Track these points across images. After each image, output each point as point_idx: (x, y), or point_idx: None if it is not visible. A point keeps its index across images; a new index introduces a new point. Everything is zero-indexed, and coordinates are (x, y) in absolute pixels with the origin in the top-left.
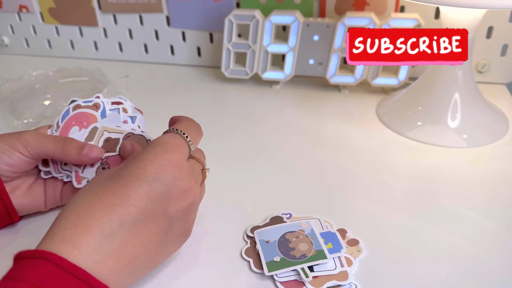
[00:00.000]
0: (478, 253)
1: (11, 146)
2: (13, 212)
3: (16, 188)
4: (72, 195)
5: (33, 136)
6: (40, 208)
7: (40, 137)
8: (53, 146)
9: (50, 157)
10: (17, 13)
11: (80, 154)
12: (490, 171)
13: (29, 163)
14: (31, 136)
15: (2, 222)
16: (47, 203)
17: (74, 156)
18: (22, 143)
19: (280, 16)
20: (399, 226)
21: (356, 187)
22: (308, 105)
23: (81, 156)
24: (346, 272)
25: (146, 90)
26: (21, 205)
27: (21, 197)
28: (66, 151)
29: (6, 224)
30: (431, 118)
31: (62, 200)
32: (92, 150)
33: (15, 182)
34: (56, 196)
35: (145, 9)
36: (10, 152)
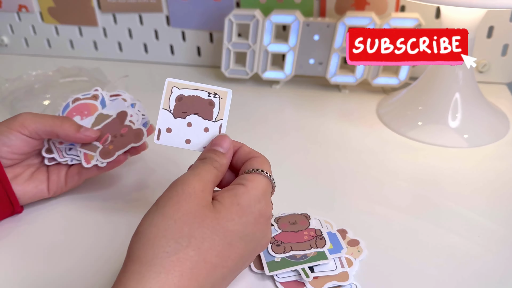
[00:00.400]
0: (478, 253)
1: (9, 126)
2: (14, 198)
3: (17, 175)
4: (77, 176)
5: (30, 114)
6: (43, 195)
7: (37, 115)
8: (52, 122)
9: (48, 134)
10: (16, 13)
11: (78, 130)
12: (490, 171)
13: (28, 143)
14: (28, 115)
15: (4, 210)
16: (50, 188)
17: (72, 132)
18: (19, 121)
19: (280, 16)
20: (399, 227)
21: (357, 187)
22: (308, 105)
23: (79, 132)
24: (347, 272)
25: (146, 90)
26: (23, 191)
27: (23, 183)
28: (65, 126)
29: (8, 213)
30: (431, 118)
31: (67, 184)
32: (87, 129)
33: (16, 170)
34: (61, 180)
35: (145, 8)
36: (8, 133)
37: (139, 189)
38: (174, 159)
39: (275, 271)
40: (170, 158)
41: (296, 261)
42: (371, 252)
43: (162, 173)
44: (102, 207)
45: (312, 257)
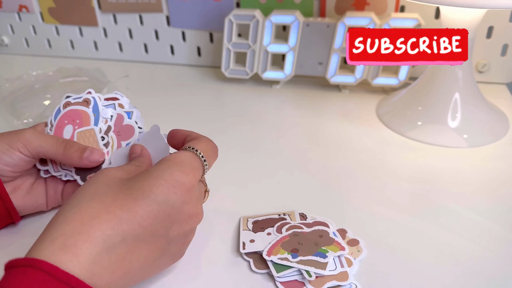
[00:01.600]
0: (478, 252)
1: (11, 146)
2: (14, 212)
3: (17, 188)
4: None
5: (34, 135)
6: (42, 208)
7: (41, 137)
8: (55, 148)
9: (50, 157)
10: (17, 13)
11: (81, 157)
12: (490, 171)
13: (29, 162)
14: (31, 135)
15: (3, 222)
16: (48, 203)
17: (75, 160)
18: (22, 142)
19: (280, 16)
20: (399, 226)
21: (356, 187)
22: (308, 105)
23: (82, 159)
24: (346, 272)
25: (146, 90)
26: (23, 205)
27: (22, 197)
28: (68, 154)
29: (7, 224)
30: (431, 118)
31: (64, 200)
32: (93, 153)
33: (16, 182)
34: (58, 196)
35: (145, 9)
36: (10, 152)
37: None
38: None
39: (283, 272)
40: None
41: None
42: (370, 252)
43: None
44: None
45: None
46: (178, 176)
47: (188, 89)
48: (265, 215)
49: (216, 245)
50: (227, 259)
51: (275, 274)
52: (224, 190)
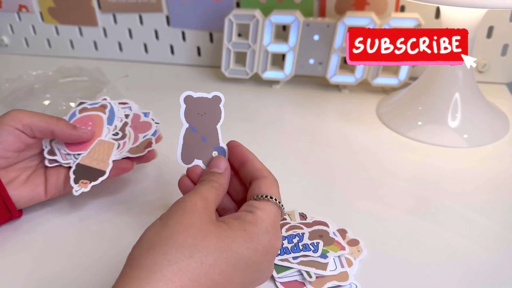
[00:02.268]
0: (478, 252)
1: (1, 122)
2: (11, 204)
3: (13, 179)
4: None
5: (24, 110)
6: (40, 198)
7: (32, 112)
8: (48, 119)
9: (42, 131)
10: (16, 13)
11: (74, 127)
12: (490, 171)
13: (21, 139)
14: (21, 110)
15: (0, 216)
16: (48, 191)
17: (68, 129)
18: (11, 115)
19: (280, 16)
20: (399, 226)
21: (356, 187)
22: (308, 105)
23: (75, 129)
24: (347, 272)
25: (146, 90)
26: (19, 196)
27: (18, 187)
28: (61, 123)
29: (6, 219)
30: (431, 117)
31: (66, 187)
32: (83, 128)
33: (11, 174)
34: (60, 183)
35: (145, 8)
36: (0, 128)
37: (143, 195)
38: (171, 159)
39: (283, 273)
40: (166, 158)
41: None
42: (371, 252)
43: (169, 179)
44: (104, 212)
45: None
46: (274, 243)
47: (188, 89)
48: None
49: None
50: None
51: (276, 274)
52: None
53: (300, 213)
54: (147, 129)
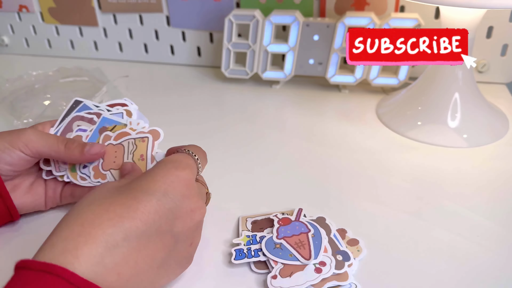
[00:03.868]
0: (478, 252)
1: (12, 145)
2: (14, 211)
3: (16, 187)
4: (70, 197)
5: (35, 134)
6: (41, 208)
7: (42, 136)
8: (56, 146)
9: (52, 156)
10: (17, 13)
11: (82, 152)
12: (490, 171)
13: (30, 162)
14: (32, 134)
15: (2, 220)
16: (47, 202)
17: (77, 155)
18: (23, 141)
19: (280, 16)
20: (399, 226)
21: (356, 187)
22: (308, 105)
23: (84, 153)
24: (346, 272)
25: (146, 90)
26: (22, 204)
27: (22, 196)
28: (69, 151)
29: (6, 222)
30: (431, 117)
31: (62, 200)
32: (93, 147)
33: (15, 181)
34: (56, 197)
35: (145, 9)
36: (11, 151)
37: None
38: None
39: None
40: None
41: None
42: (370, 252)
43: None
44: None
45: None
46: (174, 171)
47: (188, 89)
48: (263, 215)
49: (216, 244)
50: (227, 259)
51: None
52: (223, 190)
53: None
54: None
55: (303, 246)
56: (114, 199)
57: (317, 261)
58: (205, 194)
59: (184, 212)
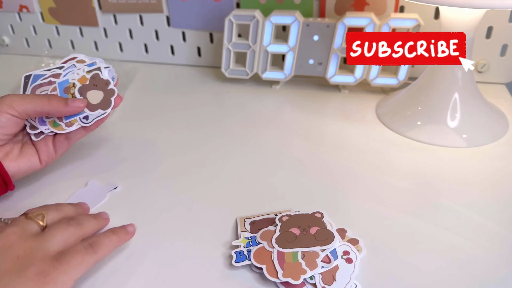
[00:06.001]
0: (478, 252)
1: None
2: (7, 177)
3: (8, 152)
4: (66, 142)
5: (16, 96)
6: (36, 167)
7: (23, 96)
8: (40, 102)
9: (37, 113)
10: (17, 13)
11: (66, 103)
12: (489, 170)
13: (17, 123)
14: (14, 96)
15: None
16: (41, 159)
17: (61, 107)
18: (7, 103)
19: (280, 16)
20: (398, 226)
21: (356, 187)
22: (308, 105)
23: (68, 106)
24: None
25: (146, 90)
26: (17, 167)
27: (15, 159)
28: (53, 103)
29: (1, 192)
30: (430, 118)
31: (57, 151)
32: (74, 101)
33: (6, 148)
34: (50, 149)
35: (145, 9)
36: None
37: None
38: (172, 158)
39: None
40: (167, 157)
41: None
42: (370, 251)
43: (161, 171)
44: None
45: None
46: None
47: (188, 89)
48: (261, 215)
49: (216, 244)
50: (227, 259)
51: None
52: (223, 190)
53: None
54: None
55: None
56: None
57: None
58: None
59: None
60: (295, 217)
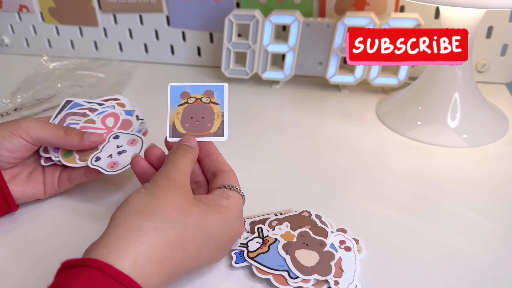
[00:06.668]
0: (478, 252)
1: (13, 132)
2: (11, 200)
3: (16, 176)
4: (68, 182)
5: (34, 122)
6: (40, 195)
7: (41, 123)
8: (56, 133)
9: (51, 143)
10: (17, 13)
11: (82, 139)
12: (490, 170)
13: (30, 149)
14: (32, 122)
15: (0, 211)
16: (46, 190)
17: (76, 141)
18: (23, 128)
19: (280, 16)
20: (399, 226)
21: (356, 187)
22: (308, 105)
23: (83, 140)
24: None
25: (146, 90)
26: (22, 192)
27: (21, 184)
28: (69, 137)
29: (3, 213)
30: (431, 117)
31: (60, 187)
32: (91, 135)
33: (14, 170)
34: (54, 183)
35: (145, 9)
36: (12, 138)
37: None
38: None
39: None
40: None
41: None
42: (370, 251)
43: None
44: (99, 208)
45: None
46: (241, 229)
47: None
48: (261, 215)
49: None
50: (227, 262)
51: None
52: None
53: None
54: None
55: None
56: (195, 234)
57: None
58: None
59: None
60: (284, 219)
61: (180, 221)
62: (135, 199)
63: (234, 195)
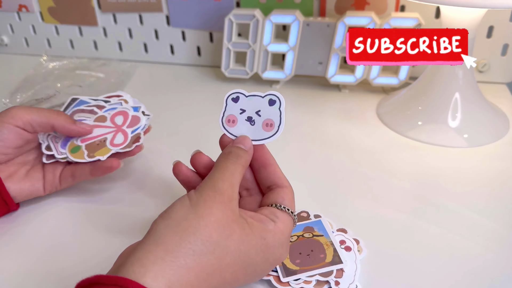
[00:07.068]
0: (478, 252)
1: (0, 120)
2: (8, 198)
3: (13, 173)
4: (70, 179)
5: (21, 108)
6: (39, 193)
7: (30, 108)
8: (47, 113)
9: (42, 126)
10: (16, 13)
11: (74, 122)
12: (490, 170)
13: (22, 136)
14: (18, 108)
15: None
16: (46, 187)
17: (68, 123)
18: (11, 113)
19: (280, 16)
20: (399, 226)
21: (356, 187)
22: (308, 105)
23: (75, 123)
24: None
25: (146, 90)
26: (19, 190)
27: (19, 181)
28: (61, 118)
29: (4, 212)
30: (431, 117)
31: (61, 183)
32: (83, 123)
33: (10, 168)
34: (55, 180)
35: (145, 8)
36: (0, 126)
37: (136, 190)
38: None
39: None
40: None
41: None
42: (371, 252)
43: (158, 173)
44: (98, 207)
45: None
46: (283, 257)
47: (188, 89)
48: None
49: None
50: None
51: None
52: None
53: (299, 212)
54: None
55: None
56: (233, 259)
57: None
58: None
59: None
60: None
61: (220, 245)
62: (178, 212)
63: (283, 217)
